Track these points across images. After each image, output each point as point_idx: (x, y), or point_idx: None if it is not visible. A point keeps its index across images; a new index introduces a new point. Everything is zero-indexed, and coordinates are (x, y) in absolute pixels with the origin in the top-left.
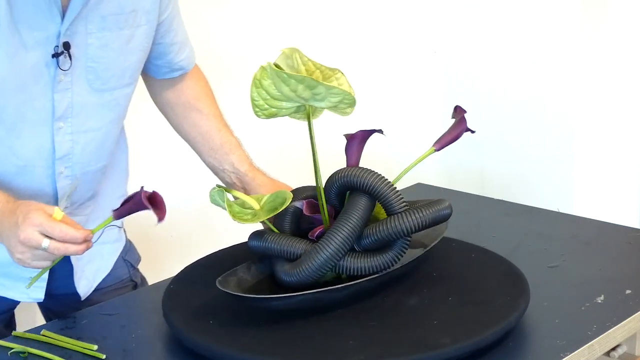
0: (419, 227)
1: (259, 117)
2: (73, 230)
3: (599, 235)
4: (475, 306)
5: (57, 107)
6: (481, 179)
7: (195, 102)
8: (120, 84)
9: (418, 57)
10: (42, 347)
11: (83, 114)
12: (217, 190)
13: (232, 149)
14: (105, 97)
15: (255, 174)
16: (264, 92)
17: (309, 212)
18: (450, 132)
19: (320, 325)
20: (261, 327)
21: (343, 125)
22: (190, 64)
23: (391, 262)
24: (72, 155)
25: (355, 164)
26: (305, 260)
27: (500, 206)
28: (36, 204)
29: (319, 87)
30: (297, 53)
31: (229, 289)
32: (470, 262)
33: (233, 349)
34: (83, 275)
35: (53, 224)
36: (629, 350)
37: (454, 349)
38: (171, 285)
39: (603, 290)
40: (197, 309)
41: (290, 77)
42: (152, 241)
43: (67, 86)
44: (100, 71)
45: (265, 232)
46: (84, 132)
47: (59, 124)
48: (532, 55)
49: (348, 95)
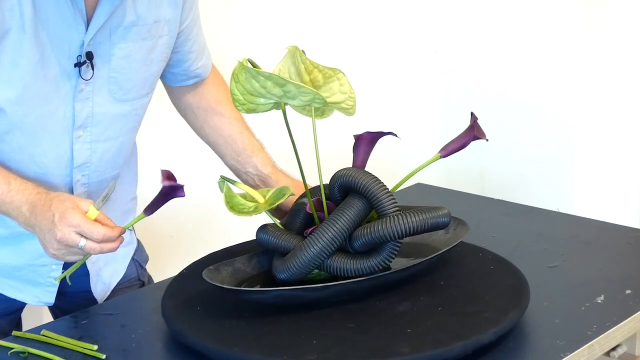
0: (409, 231)
1: (240, 110)
2: (110, 231)
3: (599, 235)
4: (475, 306)
5: (77, 116)
6: (481, 179)
7: (217, 105)
8: (140, 94)
9: (418, 57)
10: (42, 347)
11: (102, 124)
12: (220, 181)
13: (254, 152)
14: (125, 107)
15: (279, 176)
16: (240, 86)
17: (310, 210)
18: (458, 140)
19: (300, 323)
20: (262, 327)
21: (343, 126)
22: (206, 71)
23: (378, 266)
24: (90, 164)
25: (361, 164)
26: (291, 257)
27: (500, 206)
28: (71, 201)
29: (288, 85)
30: (297, 52)
31: (217, 279)
32: (470, 262)
33: (233, 348)
34: (99, 279)
35: (90, 226)
36: (629, 350)
37: (411, 359)
38: (171, 285)
39: (603, 290)
40: (197, 309)
41: (259, 74)
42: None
43: (88, 95)
44: (123, 82)
45: (270, 225)
46: (103, 141)
47: (78, 133)
48: (532, 56)
49: (318, 96)
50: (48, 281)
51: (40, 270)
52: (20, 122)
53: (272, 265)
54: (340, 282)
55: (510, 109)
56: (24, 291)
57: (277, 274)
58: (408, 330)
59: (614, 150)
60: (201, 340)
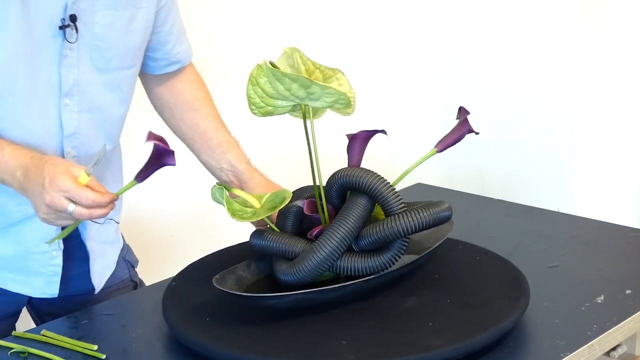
0: (417, 228)
1: (255, 114)
2: (99, 196)
3: (599, 235)
4: (475, 306)
5: (63, 82)
6: (481, 179)
7: (194, 102)
8: (122, 65)
9: (418, 57)
10: (42, 347)
11: (88, 93)
12: (218, 188)
13: (230, 148)
14: (107, 77)
15: (253, 173)
16: (259, 90)
17: (309, 212)
18: (452, 134)
19: (317, 325)
20: (261, 327)
21: (343, 126)
22: (187, 57)
23: (388, 264)
24: (78, 134)
25: (356, 164)
26: (302, 260)
27: (500, 206)
28: (63, 166)
29: (313, 86)
30: (297, 53)
31: (225, 287)
32: (470, 262)
33: (233, 348)
34: (97, 271)
35: (80, 191)
36: (629, 350)
37: (447, 351)
38: (171, 285)
39: (603, 290)
40: (197, 309)
41: (285, 76)
42: (152, 241)
43: (73, 62)
44: (104, 50)
45: (266, 230)
46: (88, 111)
47: (65, 101)
48: (532, 55)
49: (343, 96)
50: (51, 270)
51: (41, 258)
52: (11, 85)
53: (276, 269)
54: (352, 282)
55: (510, 109)
56: (26, 284)
57: (284, 277)
58: (429, 323)
59: (614, 150)
60: (201, 341)
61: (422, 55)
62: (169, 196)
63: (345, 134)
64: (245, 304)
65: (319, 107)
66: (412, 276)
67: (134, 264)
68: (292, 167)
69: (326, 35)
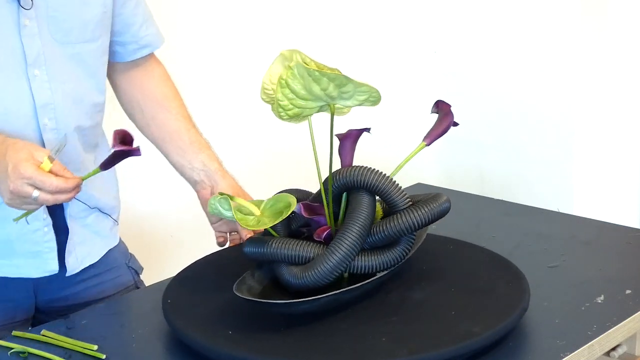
0: (426, 222)
1: (281, 118)
2: (63, 182)
3: (599, 235)
4: (475, 306)
5: (27, 53)
6: (481, 179)
7: (164, 101)
8: (83, 38)
9: (418, 57)
10: (42, 347)
11: (54, 65)
12: (221, 198)
13: (202, 148)
14: (68, 50)
15: (225, 174)
16: (289, 92)
17: (308, 215)
18: (438, 126)
19: (339, 325)
20: (261, 327)
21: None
22: (157, 41)
23: (400, 257)
24: (54, 106)
25: (350, 163)
26: (319, 262)
27: (500, 206)
28: (26, 151)
29: (349, 84)
30: (297, 54)
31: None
32: (470, 262)
33: (233, 348)
34: (74, 251)
35: (43, 178)
36: (629, 350)
37: (485, 337)
38: (171, 285)
39: (603, 290)
40: (197, 309)
41: (323, 75)
42: (152, 241)
43: (34, 32)
44: (61, 22)
45: (266, 238)
46: (61, 83)
47: (33, 71)
48: (532, 55)
49: (375, 93)
50: (46, 247)
51: (33, 237)
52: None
53: (283, 275)
54: (374, 278)
55: (510, 109)
56: (24, 266)
57: (298, 281)
58: (455, 309)
59: (614, 150)
60: (202, 341)
61: (422, 55)
62: (169, 196)
63: (335, 134)
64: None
65: (350, 106)
66: (411, 275)
67: (139, 271)
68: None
69: (326, 35)
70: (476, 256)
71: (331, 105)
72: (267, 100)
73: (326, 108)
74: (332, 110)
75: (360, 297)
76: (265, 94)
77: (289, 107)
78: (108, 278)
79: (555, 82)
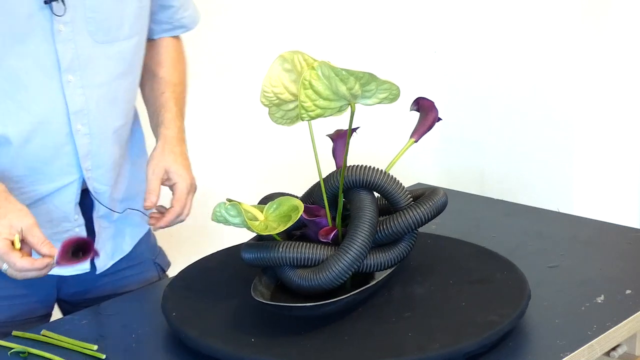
0: (428, 218)
1: (303, 119)
2: (28, 264)
3: (599, 235)
4: (474, 306)
5: (61, 58)
6: (481, 179)
7: (156, 67)
8: (122, 35)
9: (418, 57)
10: (42, 347)
11: (90, 68)
12: (229, 205)
13: (166, 112)
14: (108, 49)
15: (169, 129)
16: (312, 93)
17: (309, 216)
18: (424, 122)
19: (356, 325)
20: (262, 327)
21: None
22: (192, 23)
23: (406, 253)
24: (87, 111)
25: (342, 163)
26: (334, 262)
27: (500, 206)
28: (6, 222)
29: (373, 83)
30: (298, 55)
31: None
32: (470, 262)
33: (233, 348)
34: (103, 248)
35: (11, 257)
36: (629, 350)
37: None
38: (171, 285)
39: (603, 290)
40: (197, 309)
41: (350, 74)
42: None
43: (69, 37)
44: (100, 21)
45: (265, 242)
46: (96, 86)
47: (67, 77)
48: (532, 55)
49: (395, 90)
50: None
51: (65, 237)
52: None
53: (296, 277)
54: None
55: (510, 109)
56: None
57: (311, 283)
58: (462, 303)
59: (614, 150)
60: (202, 340)
61: (422, 55)
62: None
63: (327, 134)
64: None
65: (370, 104)
66: (411, 274)
67: (165, 267)
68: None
69: (326, 36)
70: (476, 256)
71: (352, 104)
72: (266, 104)
73: (346, 107)
74: (352, 109)
75: (365, 297)
76: (265, 97)
77: (312, 109)
78: (133, 273)
79: (556, 83)
